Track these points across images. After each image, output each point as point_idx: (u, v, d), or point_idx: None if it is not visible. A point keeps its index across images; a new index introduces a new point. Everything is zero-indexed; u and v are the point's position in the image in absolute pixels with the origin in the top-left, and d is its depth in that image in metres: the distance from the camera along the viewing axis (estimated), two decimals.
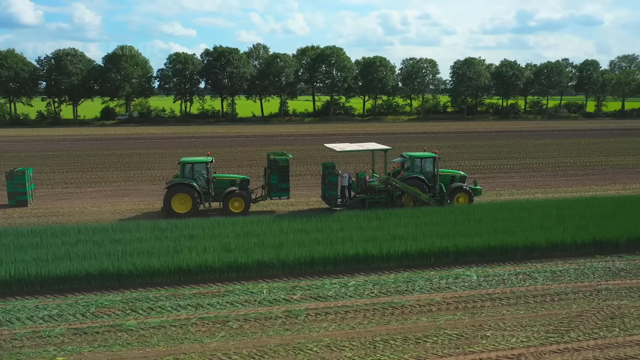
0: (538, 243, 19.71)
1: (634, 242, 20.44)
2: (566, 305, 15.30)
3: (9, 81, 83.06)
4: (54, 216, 25.70)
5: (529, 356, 12.40)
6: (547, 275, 17.72)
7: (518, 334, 13.52)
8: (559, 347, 12.82)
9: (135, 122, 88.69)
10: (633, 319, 14.39)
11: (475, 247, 19.17)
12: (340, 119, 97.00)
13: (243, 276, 17.47)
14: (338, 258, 18.16)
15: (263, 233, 20.65)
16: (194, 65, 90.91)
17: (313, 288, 16.59)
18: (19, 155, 47.83)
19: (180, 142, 60.49)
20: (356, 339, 13.24)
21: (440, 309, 15.07)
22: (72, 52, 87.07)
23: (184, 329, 13.80)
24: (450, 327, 13.90)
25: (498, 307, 15.20)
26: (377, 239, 19.66)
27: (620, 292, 16.26)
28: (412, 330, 13.73)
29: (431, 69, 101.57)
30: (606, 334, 13.51)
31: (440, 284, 16.98)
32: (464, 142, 59.92)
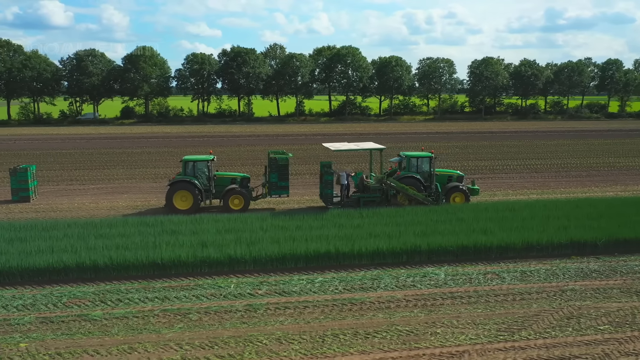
0: (513, 243, 19.71)
1: (613, 243, 20.27)
2: (526, 305, 15.37)
3: (33, 81, 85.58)
4: (52, 212, 26.68)
5: (472, 353, 12.58)
6: (515, 275, 17.76)
7: (469, 331, 13.69)
8: (505, 345, 12.95)
9: (153, 121, 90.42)
10: (589, 319, 14.40)
11: (448, 246, 19.29)
12: (356, 119, 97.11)
13: (215, 271, 17.97)
14: (309, 255, 18.52)
15: (243, 230, 21.13)
16: (210, 65, 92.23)
17: (280, 283, 17.00)
18: (34, 153, 49.49)
19: (192, 141, 61.55)
20: (308, 332, 13.61)
21: (399, 306, 15.31)
22: (92, 52, 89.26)
23: (145, 320, 14.36)
24: (403, 323, 14.15)
25: (457, 306, 15.36)
26: (352, 237, 19.95)
27: (585, 293, 16.23)
28: (365, 325, 14.02)
29: (448, 68, 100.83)
30: (557, 334, 13.57)
31: (407, 282, 17.19)
32: (474, 142, 59.49)
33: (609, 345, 12.98)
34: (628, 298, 15.88)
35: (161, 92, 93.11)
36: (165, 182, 34.02)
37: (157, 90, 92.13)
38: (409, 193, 26.40)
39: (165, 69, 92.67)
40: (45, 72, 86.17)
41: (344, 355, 12.49)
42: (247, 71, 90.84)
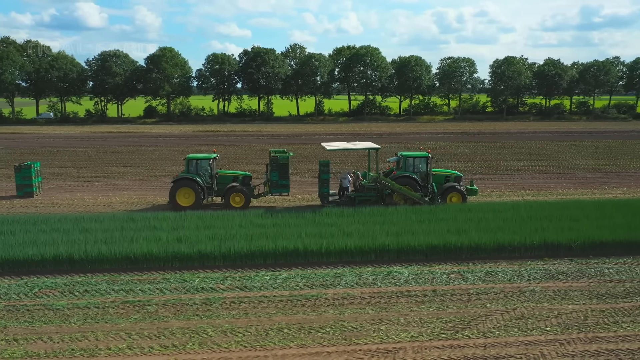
0: (484, 244, 19.70)
1: (589, 245, 20.03)
2: (480, 305, 15.43)
3: (59, 81, 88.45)
4: (51, 207, 27.83)
5: (408, 350, 12.78)
6: (479, 276, 17.79)
7: (412, 329, 13.88)
8: (444, 344, 13.10)
9: (174, 121, 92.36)
10: (538, 320, 14.38)
11: (417, 246, 19.42)
12: (374, 119, 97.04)
13: (185, 266, 18.57)
14: (277, 252, 18.94)
15: (221, 227, 21.68)
16: (230, 65, 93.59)
17: (244, 279, 17.48)
18: (50, 151, 51.40)
19: (207, 140, 62.71)
20: (255, 326, 14.03)
21: (352, 303, 15.58)
22: (116, 53, 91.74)
23: (105, 310, 15.04)
24: (350, 320, 14.42)
25: (410, 304, 15.53)
26: (325, 235, 20.27)
27: (544, 295, 16.16)
28: (313, 321, 14.36)
29: (469, 68, 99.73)
30: (501, 334, 13.62)
31: (369, 280, 17.41)
32: (486, 142, 58.83)
33: (549, 346, 12.98)
34: (587, 300, 15.75)
35: (182, 91, 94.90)
36: (167, 180, 35.09)
37: (178, 90, 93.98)
38: (403, 192, 26.50)
39: (186, 69, 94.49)
40: (71, 72, 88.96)
41: (282, 349, 12.87)
42: (267, 71, 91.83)
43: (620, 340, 13.26)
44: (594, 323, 14.21)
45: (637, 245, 20.18)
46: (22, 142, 60.88)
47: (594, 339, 13.37)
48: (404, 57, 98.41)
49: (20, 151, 50.96)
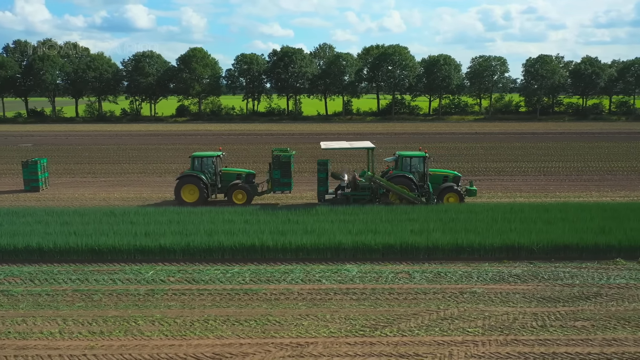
0: (442, 245, 19.62)
1: (552, 248, 19.64)
2: (414, 304, 15.50)
3: (96, 81, 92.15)
4: (51, 201, 29.41)
5: (319, 345, 13.07)
6: (427, 276, 17.78)
7: (334, 325, 14.14)
8: (356, 340, 13.31)
9: (204, 119, 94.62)
10: (464, 321, 14.34)
11: (373, 244, 19.55)
12: (402, 119, 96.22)
13: (147, 259, 19.38)
14: (234, 247, 19.51)
15: (194, 222, 22.40)
16: (258, 65, 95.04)
17: (196, 272, 18.13)
18: (75, 148, 53.93)
19: (227, 138, 64.01)
20: (184, 317, 14.63)
21: (288, 299, 15.95)
22: (150, 54, 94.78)
23: (54, 297, 16.00)
24: (278, 314, 14.81)
25: (344, 301, 15.76)
26: (287, 233, 20.70)
27: (483, 297, 16.05)
28: (241, 314, 14.83)
29: (500, 67, 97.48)
30: (420, 333, 13.70)
31: (315, 277, 17.72)
32: (505, 143, 57.52)
33: (462, 347, 12.97)
34: (525, 303, 15.55)
35: (212, 91, 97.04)
36: (169, 177, 36.41)
37: (208, 90, 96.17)
38: (397, 192, 26.50)
39: (216, 69, 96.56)
40: (107, 72, 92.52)
41: (199, 339, 13.40)
42: (294, 71, 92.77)
43: (538, 344, 13.10)
44: (520, 326, 14.06)
45: (604, 249, 19.63)
46: (53, 139, 63.95)
47: (511, 341, 13.26)
48: (433, 56, 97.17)
49: (46, 148, 53.66)
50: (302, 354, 12.62)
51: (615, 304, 15.56)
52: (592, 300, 15.75)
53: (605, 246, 19.64)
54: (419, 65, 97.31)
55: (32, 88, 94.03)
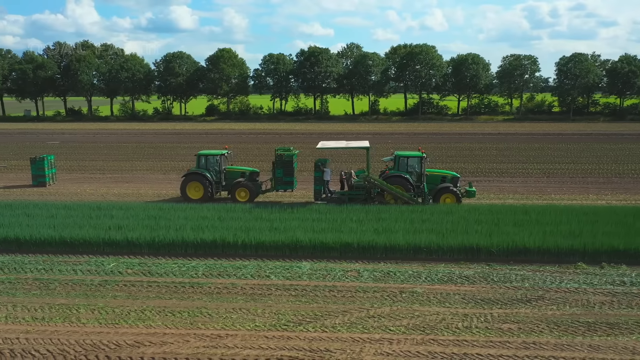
0: (399, 245, 19.67)
1: (512, 251, 19.38)
2: (349, 302, 15.70)
3: (128, 81, 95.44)
4: (52, 195, 30.96)
5: (237, 337, 13.49)
6: (375, 275, 17.92)
7: (261, 319, 14.54)
8: (275, 334, 13.65)
9: (232, 119, 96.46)
10: (390, 320, 14.45)
11: (331, 243, 19.81)
12: (429, 119, 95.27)
13: (115, 251, 20.27)
14: (196, 243, 20.17)
15: (168, 217, 23.26)
16: (284, 65, 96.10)
17: (154, 266, 18.87)
18: (96, 145, 56.28)
19: (247, 137, 65.20)
20: (123, 307, 15.34)
21: (230, 293, 16.45)
22: (180, 54, 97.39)
23: (14, 285, 17.04)
24: (213, 307, 15.32)
25: (282, 297, 16.12)
26: (252, 229, 21.21)
27: (421, 297, 16.07)
28: (178, 306, 15.41)
29: (531, 66, 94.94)
30: (341, 330, 13.90)
31: (265, 273, 18.13)
32: (522, 144, 56.22)
33: (376, 344, 13.11)
34: (462, 305, 15.49)
35: (239, 91, 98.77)
36: (173, 175, 37.68)
37: (235, 89, 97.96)
38: (392, 192, 26.54)
39: (244, 69, 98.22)
40: (139, 73, 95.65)
41: (128, 328, 14.06)
42: (320, 70, 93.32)
43: (454, 344, 13.12)
44: (444, 326, 14.08)
45: (566, 253, 19.22)
46: (81, 137, 66.83)
47: (428, 341, 13.32)
48: (462, 55, 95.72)
49: (71, 145, 56.22)
50: (217, 345, 13.09)
51: (555, 308, 15.31)
52: (531, 304, 15.54)
53: (568, 250, 19.23)
54: (447, 64, 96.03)
55: (70, 88, 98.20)
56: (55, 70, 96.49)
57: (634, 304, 15.52)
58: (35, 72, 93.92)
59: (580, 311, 15.04)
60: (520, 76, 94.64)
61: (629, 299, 15.86)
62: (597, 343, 13.18)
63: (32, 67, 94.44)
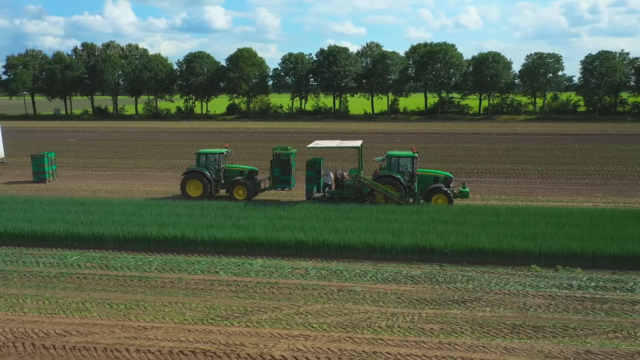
0: (353, 244, 19.78)
1: (466, 252, 19.24)
2: (284, 299, 15.94)
3: (151, 81, 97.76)
4: (48, 191, 32.21)
5: (160, 330, 13.94)
6: (322, 273, 18.09)
7: (192, 314, 14.95)
8: (198, 328, 14.03)
9: (251, 117, 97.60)
10: (314, 317, 14.64)
11: (286, 240, 20.09)
12: (448, 118, 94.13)
13: (82, 245, 21.04)
14: (158, 238, 20.77)
15: (142, 214, 23.91)
16: (303, 64, 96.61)
17: (113, 259, 19.51)
18: (110, 143, 58.01)
19: (259, 136, 65.99)
20: (66, 298, 15.98)
21: (173, 287, 16.93)
22: (200, 54, 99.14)
23: None
24: (150, 300, 15.81)
25: (222, 292, 16.51)
26: (217, 226, 21.68)
27: (358, 295, 16.18)
28: (119, 299, 15.97)
29: (554, 65, 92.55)
30: (263, 325, 14.18)
31: (216, 269, 18.53)
32: (533, 145, 55.08)
33: (291, 339, 13.34)
34: (396, 304, 15.52)
35: (259, 90, 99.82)
36: (171, 172, 38.65)
37: (255, 89, 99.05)
38: (381, 191, 26.53)
39: (263, 68, 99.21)
40: (161, 72, 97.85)
41: (65, 318, 14.68)
42: (338, 70, 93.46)
43: (367, 343, 13.22)
44: (367, 325, 14.17)
45: (521, 255, 18.97)
46: (99, 135, 68.97)
47: (343, 338, 13.46)
48: (483, 53, 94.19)
49: (87, 143, 58.13)
50: (138, 337, 13.56)
51: (488, 309, 15.19)
52: (465, 305, 15.46)
53: (523, 252, 18.97)
54: (468, 63, 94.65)
55: (96, 87, 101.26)
56: (82, 70, 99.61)
57: (570, 308, 15.26)
58: (63, 72, 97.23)
59: (512, 313, 14.89)
60: (543, 75, 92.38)
61: (567, 302, 15.59)
62: (513, 346, 13.06)
63: (60, 67, 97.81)
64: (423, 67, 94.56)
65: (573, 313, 14.93)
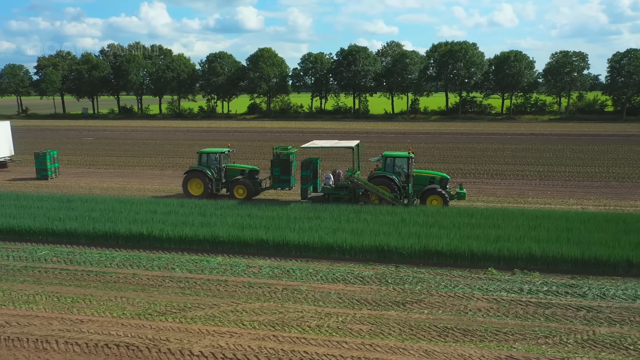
0: (311, 243, 19.83)
1: (424, 253, 19.03)
2: (227, 296, 16.11)
3: (173, 81, 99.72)
4: (46, 187, 33.36)
5: (95, 323, 14.32)
6: (274, 272, 18.20)
7: (131, 308, 15.28)
8: (132, 322, 14.34)
9: (271, 117, 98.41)
10: (240, 315, 14.75)
11: (248, 239, 20.29)
12: (469, 118, 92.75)
13: (56, 240, 21.69)
14: (127, 235, 21.28)
15: (120, 210, 24.53)
16: (322, 64, 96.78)
17: (78, 255, 20.08)
18: (124, 142, 59.48)
19: (271, 135, 66.54)
20: (22, 290, 16.58)
21: (126, 282, 17.34)
22: (221, 54, 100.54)
23: None
24: (97, 295, 16.23)
25: (170, 288, 16.79)
26: (187, 224, 22.06)
27: (301, 294, 16.21)
28: (67, 292, 16.44)
29: (579, 63, 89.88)
30: (195, 322, 14.36)
31: (173, 265, 18.86)
32: (546, 145, 53.75)
33: (216, 335, 13.49)
34: (335, 305, 15.47)
35: (278, 90, 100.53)
36: (170, 171, 39.46)
37: (275, 89, 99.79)
38: (374, 192, 26.39)
39: (283, 68, 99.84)
40: (183, 73, 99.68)
41: (14, 309, 15.21)
42: (356, 69, 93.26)
43: (289, 341, 13.27)
44: (297, 324, 14.20)
45: (479, 257, 18.65)
46: (118, 134, 70.77)
47: (267, 336, 13.52)
48: (504, 52, 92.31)
49: (103, 141, 59.80)
50: (72, 330, 13.98)
51: (427, 312, 15.03)
52: (404, 307, 15.33)
53: (481, 254, 18.65)
54: (489, 62, 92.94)
55: (121, 87, 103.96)
56: (108, 70, 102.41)
57: (511, 312, 14.94)
58: (90, 73, 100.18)
59: (448, 316, 14.68)
60: (568, 74, 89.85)
61: (510, 307, 15.27)
62: (435, 349, 12.90)
63: (87, 67, 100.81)
64: (443, 66, 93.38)
65: (512, 318, 14.61)
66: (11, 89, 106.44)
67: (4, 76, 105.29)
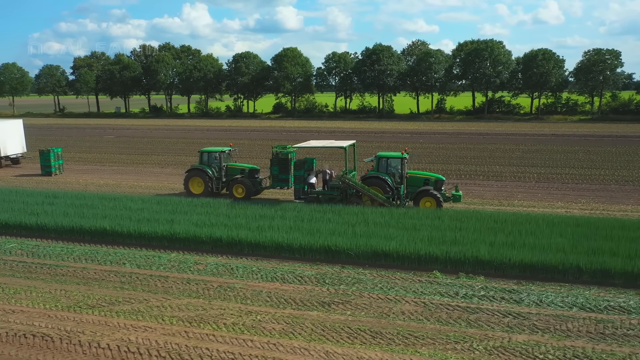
0: (263, 242, 19.94)
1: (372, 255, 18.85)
2: (161, 291, 16.43)
3: (200, 81, 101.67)
4: (46, 183, 34.77)
5: (25, 313, 14.91)
6: (219, 269, 18.37)
7: (64, 300, 15.82)
8: (58, 314, 14.87)
9: (295, 116, 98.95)
10: (171, 311, 15.02)
11: (202, 237, 20.60)
12: (495, 118, 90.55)
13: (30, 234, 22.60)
14: (91, 230, 21.98)
15: (97, 206, 25.32)
16: (345, 63, 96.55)
17: (42, 249, 20.85)
18: (141, 140, 61.18)
19: (287, 135, 66.81)
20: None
21: (72, 276, 17.93)
22: (247, 54, 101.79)
23: None
24: (46, 287, 16.88)
25: (112, 282, 17.27)
26: (152, 221, 22.54)
27: (233, 292, 16.35)
28: (22, 284, 17.18)
29: (612, 61, 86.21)
30: (120, 316, 14.76)
31: (125, 260, 19.36)
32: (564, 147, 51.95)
33: (132, 330, 13.84)
34: (260, 303, 15.56)
35: (303, 89, 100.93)
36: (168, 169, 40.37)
37: (299, 88, 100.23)
38: (366, 193, 26.20)
39: (307, 67, 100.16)
40: (210, 72, 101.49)
41: None
42: (380, 69, 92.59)
43: (198, 338, 13.44)
44: (214, 322, 14.35)
45: (426, 260, 18.33)
46: (141, 132, 72.78)
47: (180, 332, 13.74)
48: (532, 50, 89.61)
49: (122, 140, 61.68)
50: (7, 320, 14.56)
51: (349, 313, 14.90)
52: (329, 308, 15.24)
53: (427, 257, 18.31)
54: (517, 61, 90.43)
55: (151, 87, 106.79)
56: (139, 70, 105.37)
57: (434, 316, 14.63)
58: (121, 73, 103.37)
59: (368, 319, 14.52)
60: (600, 72, 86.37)
61: (436, 311, 14.95)
62: (338, 350, 12.81)
63: (118, 68, 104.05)
64: (469, 65, 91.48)
65: (432, 322, 14.31)
66: (49, 89, 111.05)
67: (42, 76, 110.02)
